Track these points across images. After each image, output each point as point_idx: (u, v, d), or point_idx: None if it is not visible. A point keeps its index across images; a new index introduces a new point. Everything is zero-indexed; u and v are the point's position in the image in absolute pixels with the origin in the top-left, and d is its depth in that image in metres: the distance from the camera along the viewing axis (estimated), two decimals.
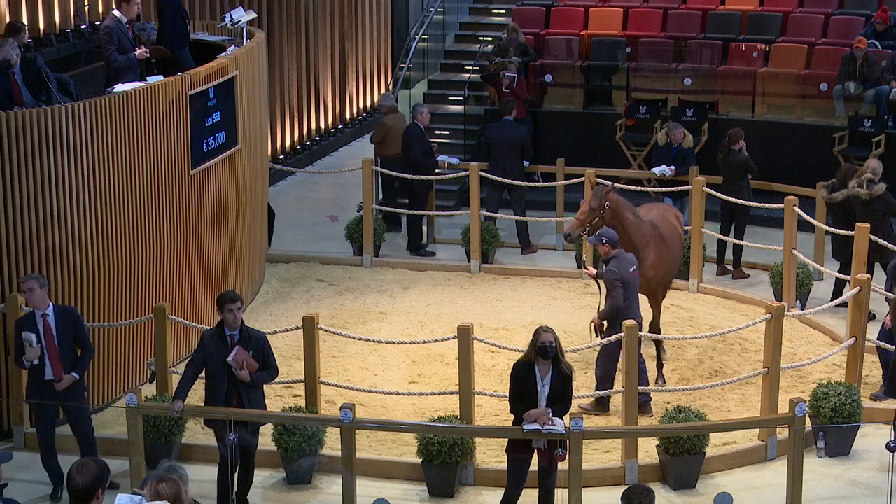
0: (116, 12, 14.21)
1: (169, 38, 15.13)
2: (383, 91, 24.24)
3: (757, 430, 12.21)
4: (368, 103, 24.14)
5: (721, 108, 19.85)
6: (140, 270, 13.18)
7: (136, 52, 14.13)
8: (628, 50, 20.59)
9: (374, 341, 13.20)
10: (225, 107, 14.61)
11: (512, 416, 10.57)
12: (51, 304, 11.24)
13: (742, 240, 16.46)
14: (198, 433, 12.14)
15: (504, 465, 10.81)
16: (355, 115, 23.63)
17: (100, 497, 7.15)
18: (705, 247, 16.28)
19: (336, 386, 12.82)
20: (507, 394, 10.54)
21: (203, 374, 10.84)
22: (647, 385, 12.50)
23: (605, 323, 12.42)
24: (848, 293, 13.19)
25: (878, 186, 14.70)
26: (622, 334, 11.60)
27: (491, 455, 11.92)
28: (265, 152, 16.76)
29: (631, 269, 12.50)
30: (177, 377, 11.52)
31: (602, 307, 12.51)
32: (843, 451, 12.15)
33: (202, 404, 11.14)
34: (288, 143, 21.47)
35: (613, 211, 13.08)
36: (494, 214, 17.45)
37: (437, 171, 17.71)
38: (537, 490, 10.55)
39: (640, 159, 19.31)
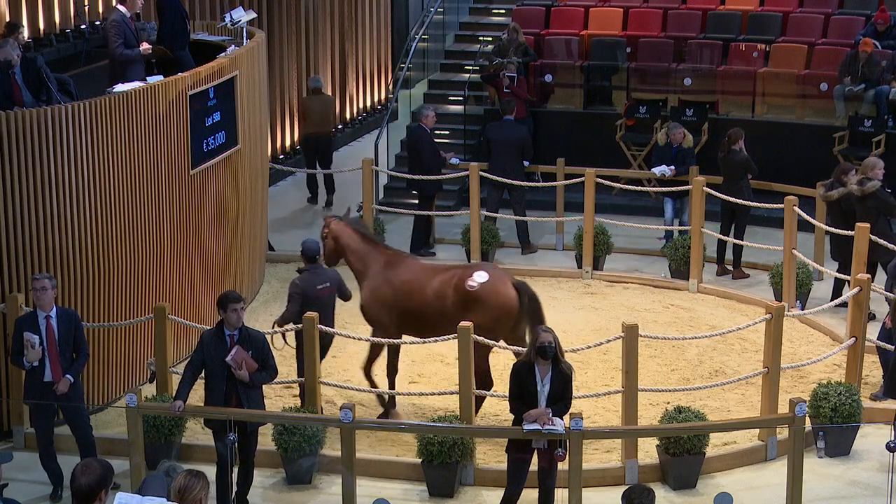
0: (121, 7, 14.27)
1: (169, 38, 15.14)
2: (384, 90, 24.29)
3: (757, 430, 12.21)
4: (368, 103, 24.15)
5: (721, 108, 19.85)
6: (140, 270, 13.18)
7: (140, 49, 14.23)
8: (628, 50, 20.59)
9: (374, 341, 13.17)
10: (225, 107, 14.61)
11: (512, 416, 10.58)
12: (54, 306, 11.24)
13: (742, 240, 16.46)
14: (198, 433, 12.14)
15: (504, 465, 10.81)
16: (355, 115, 23.63)
17: (102, 498, 7.16)
18: (705, 247, 16.28)
19: (336, 386, 12.83)
20: (507, 394, 10.54)
21: (203, 375, 10.84)
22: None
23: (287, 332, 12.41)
24: (848, 293, 13.19)
25: (871, 184, 14.68)
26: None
27: (491, 455, 11.92)
28: (265, 152, 16.76)
29: (320, 286, 12.40)
30: (177, 377, 11.52)
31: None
32: (843, 451, 12.15)
33: (202, 404, 11.14)
34: (288, 143, 21.48)
35: (335, 239, 13.03)
36: (494, 214, 17.46)
37: (443, 171, 17.78)
38: (537, 490, 10.55)
39: (640, 159, 19.31)
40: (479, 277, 12.35)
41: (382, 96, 24.40)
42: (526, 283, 12.48)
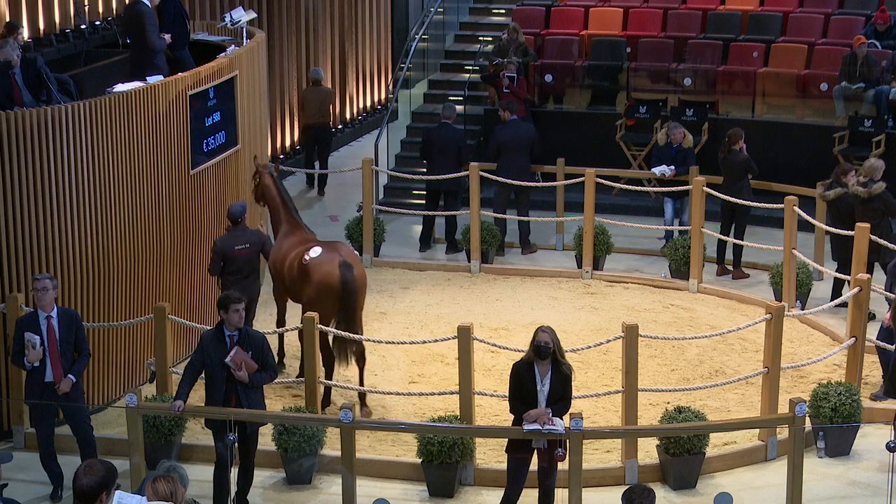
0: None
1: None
2: (384, 90, 24.29)
3: (757, 430, 12.21)
4: (368, 103, 24.15)
5: (721, 108, 19.85)
6: (140, 270, 13.18)
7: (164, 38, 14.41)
8: (628, 50, 20.60)
9: (374, 341, 13.19)
10: (225, 107, 14.62)
11: (512, 416, 10.58)
12: (55, 307, 11.23)
13: (742, 240, 16.46)
14: (198, 433, 12.14)
15: (504, 465, 10.82)
16: (355, 115, 23.63)
17: (104, 500, 7.15)
18: (705, 247, 16.28)
19: (336, 386, 12.83)
20: (507, 394, 10.54)
21: (203, 375, 10.84)
22: None
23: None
24: (848, 293, 13.19)
25: (877, 185, 14.70)
26: None
27: (491, 455, 11.92)
28: (265, 152, 16.76)
29: (238, 247, 13.17)
30: (177, 377, 11.52)
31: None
32: (843, 451, 12.15)
33: (202, 404, 11.14)
34: (288, 143, 21.48)
35: (263, 186, 13.94)
36: (502, 215, 17.40)
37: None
38: (537, 490, 10.56)
39: (640, 159, 19.32)
40: (314, 253, 12.90)
41: (382, 96, 24.40)
42: (352, 268, 12.73)
